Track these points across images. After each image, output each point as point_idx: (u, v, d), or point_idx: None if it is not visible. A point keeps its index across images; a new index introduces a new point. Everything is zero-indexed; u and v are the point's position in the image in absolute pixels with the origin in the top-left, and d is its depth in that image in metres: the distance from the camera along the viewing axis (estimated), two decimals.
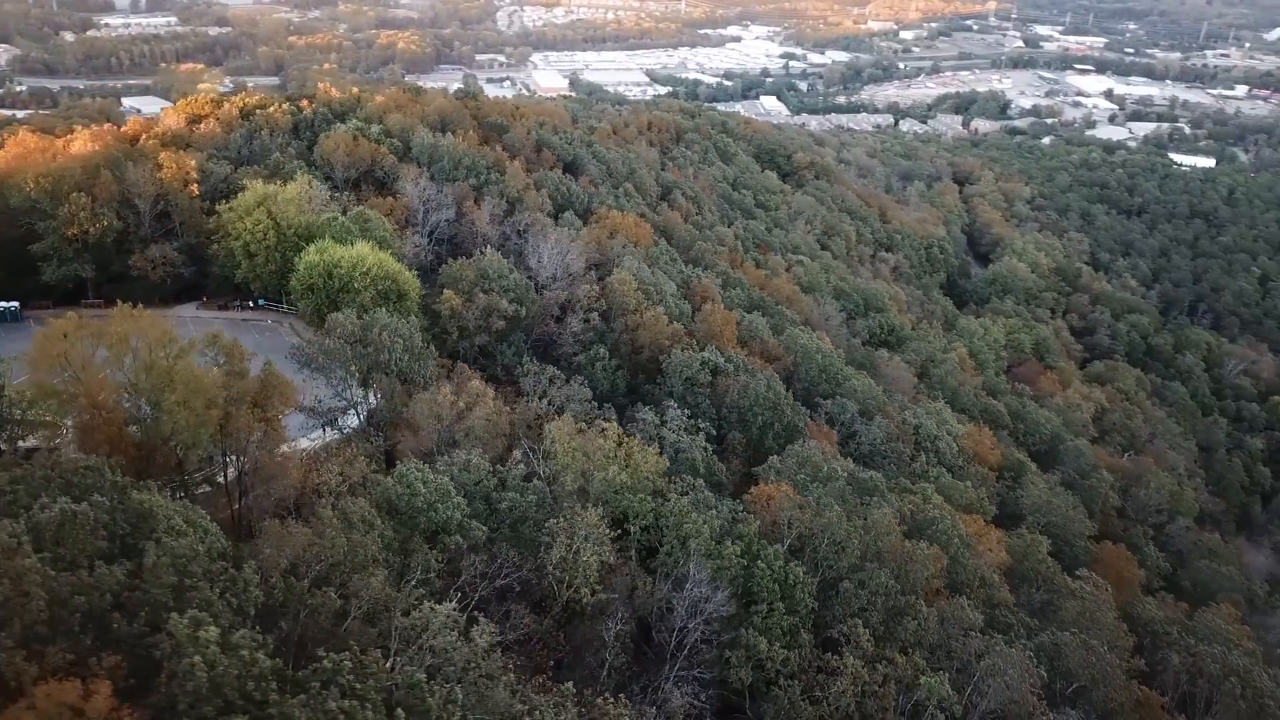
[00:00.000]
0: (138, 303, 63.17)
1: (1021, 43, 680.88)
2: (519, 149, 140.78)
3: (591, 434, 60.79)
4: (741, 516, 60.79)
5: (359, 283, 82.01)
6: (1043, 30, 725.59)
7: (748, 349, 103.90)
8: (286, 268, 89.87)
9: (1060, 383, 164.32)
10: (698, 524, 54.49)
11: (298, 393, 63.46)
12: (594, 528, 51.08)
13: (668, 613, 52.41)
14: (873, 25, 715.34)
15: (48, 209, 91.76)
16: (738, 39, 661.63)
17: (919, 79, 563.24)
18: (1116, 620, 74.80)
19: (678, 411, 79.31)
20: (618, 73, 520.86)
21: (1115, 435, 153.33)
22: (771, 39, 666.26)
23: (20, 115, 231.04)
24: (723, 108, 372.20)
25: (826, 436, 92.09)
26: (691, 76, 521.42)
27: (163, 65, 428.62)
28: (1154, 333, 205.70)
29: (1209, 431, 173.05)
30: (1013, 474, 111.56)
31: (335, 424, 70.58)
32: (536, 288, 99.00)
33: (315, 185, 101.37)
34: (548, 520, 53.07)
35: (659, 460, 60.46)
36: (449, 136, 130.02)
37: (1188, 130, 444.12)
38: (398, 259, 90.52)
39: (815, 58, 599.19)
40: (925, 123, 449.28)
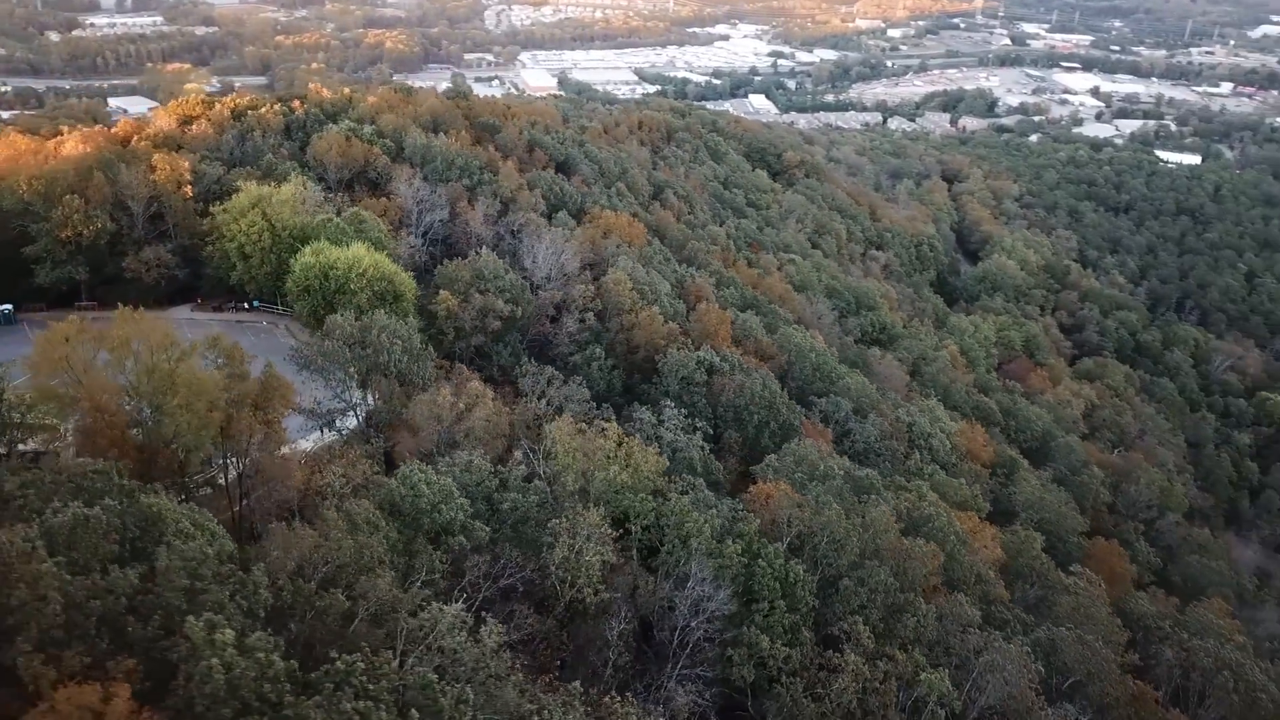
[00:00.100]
0: (132, 305, 63.47)
1: (1008, 41, 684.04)
2: (511, 149, 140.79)
3: (591, 434, 61.01)
4: (741, 515, 61.09)
5: (355, 284, 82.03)
6: (1029, 28, 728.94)
7: (742, 348, 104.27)
8: (282, 269, 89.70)
9: (1050, 380, 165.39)
10: (699, 523, 54.79)
11: (296, 394, 63.55)
12: (596, 528, 51.36)
13: (669, 611, 52.72)
14: (860, 23, 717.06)
15: (41, 211, 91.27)
16: (726, 37, 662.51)
17: (907, 77, 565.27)
18: (1110, 615, 75.60)
19: (674, 411, 79.48)
20: (606, 71, 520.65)
21: (1105, 431, 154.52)
22: (759, 37, 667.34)
23: (5, 116, 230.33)
24: (711, 106, 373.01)
25: (821, 435, 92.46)
26: (680, 75, 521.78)
27: (149, 65, 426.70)
28: (1142, 329, 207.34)
29: (1197, 427, 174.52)
30: (1005, 471, 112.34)
31: (333, 425, 70.76)
32: (531, 288, 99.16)
33: (309, 186, 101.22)
34: (550, 520, 53.28)
35: (659, 460, 60.73)
36: (441, 137, 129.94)
37: (1174, 127, 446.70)
38: (393, 260, 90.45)
39: (803, 56, 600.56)
40: (913, 121, 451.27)
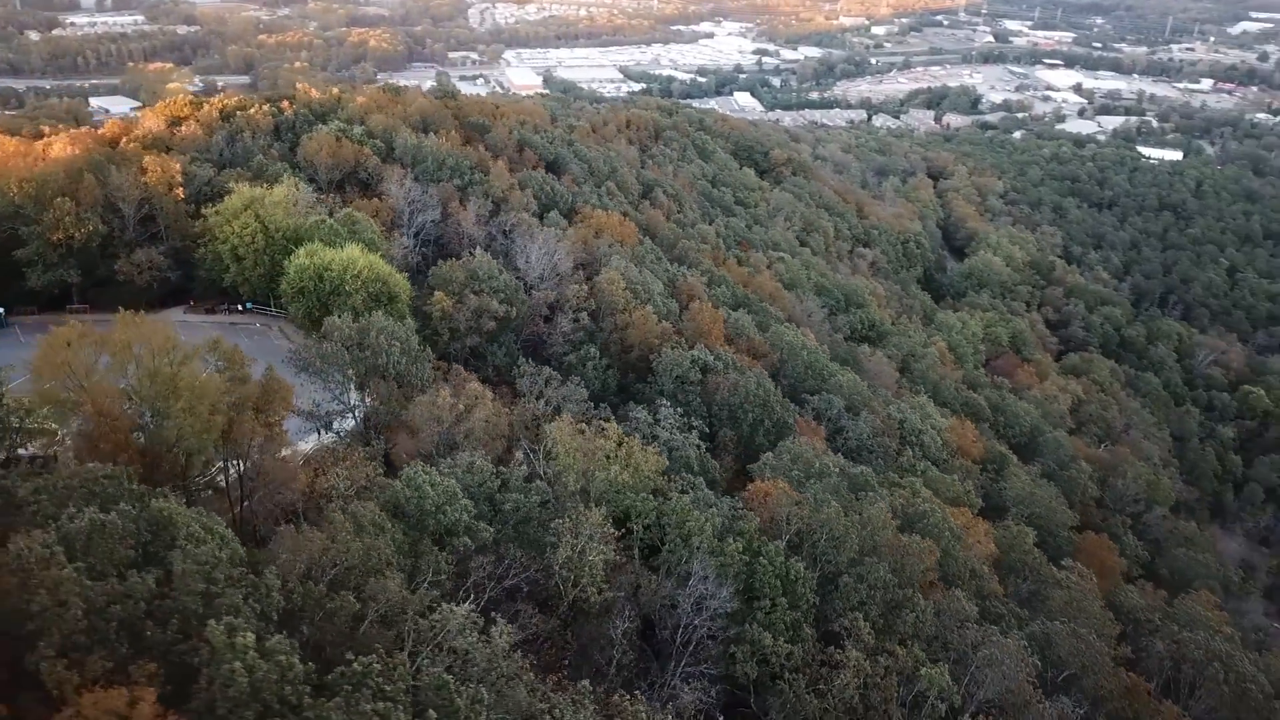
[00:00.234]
0: (123, 308, 63.13)
1: (991, 38, 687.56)
2: (501, 149, 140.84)
3: (591, 434, 61.39)
4: (741, 513, 61.61)
5: (350, 286, 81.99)
6: (1012, 25, 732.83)
7: (734, 346, 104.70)
8: (275, 271, 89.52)
9: (1037, 375, 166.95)
10: (700, 522, 55.25)
11: (294, 397, 63.62)
12: (599, 527, 51.75)
13: (671, 610, 53.20)
14: (844, 21, 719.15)
15: (31, 214, 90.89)
16: (710, 35, 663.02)
17: (891, 74, 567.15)
18: (1102, 609, 76.62)
19: (670, 410, 79.94)
20: (591, 70, 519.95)
21: (1092, 426, 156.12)
22: (744, 35, 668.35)
23: None
24: (697, 104, 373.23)
25: (815, 432, 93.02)
26: (665, 73, 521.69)
27: (130, 64, 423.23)
28: (1127, 324, 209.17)
29: (1182, 421, 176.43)
30: (995, 466, 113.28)
31: (330, 427, 70.89)
32: (525, 288, 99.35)
33: (301, 188, 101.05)
34: (553, 521, 53.64)
35: (659, 459, 61.14)
36: (432, 137, 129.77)
37: (1155, 124, 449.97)
38: (387, 261, 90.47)
39: (788, 54, 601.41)
40: (898, 118, 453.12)
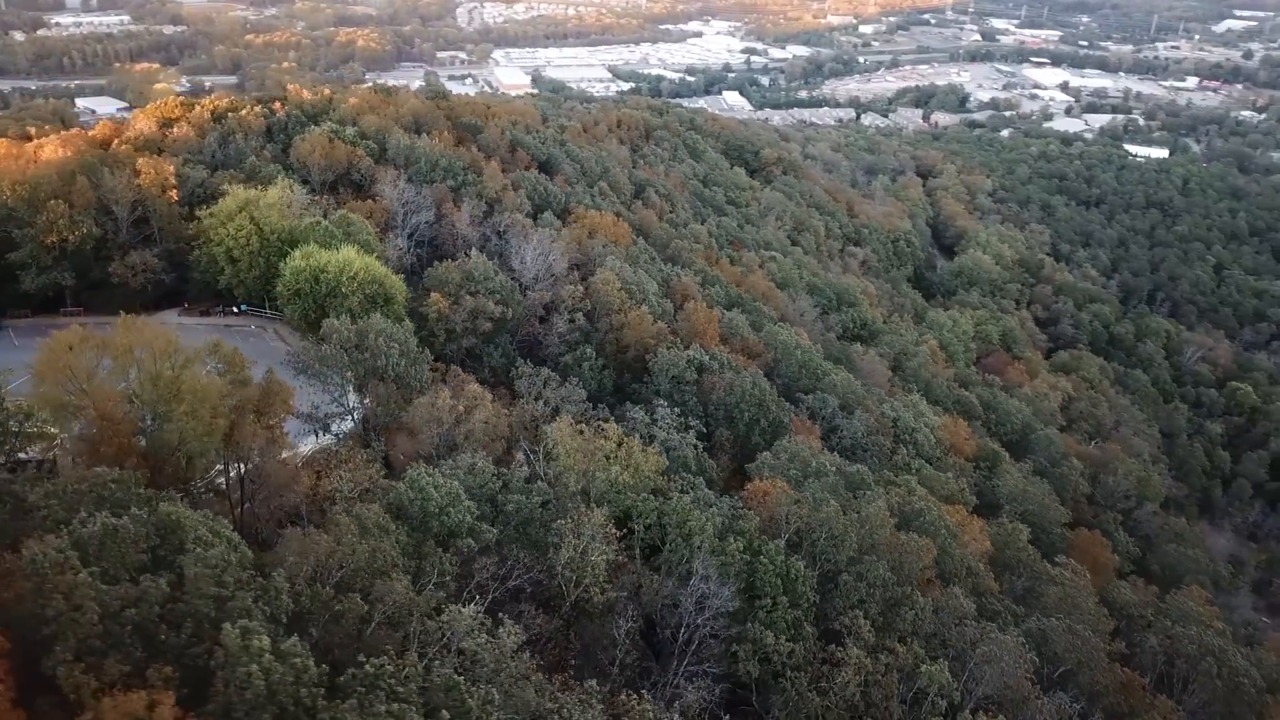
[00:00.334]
0: (117, 310, 62.97)
1: (978, 36, 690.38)
2: (494, 149, 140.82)
3: (590, 435, 61.67)
4: (741, 513, 61.98)
5: (347, 288, 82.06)
6: (999, 23, 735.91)
7: (729, 346, 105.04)
8: (270, 273, 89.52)
9: (1028, 373, 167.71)
10: (701, 521, 55.59)
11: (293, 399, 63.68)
12: (601, 528, 52.05)
13: (673, 609, 53.52)
14: (832, 20, 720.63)
15: (25, 217, 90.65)
16: (699, 34, 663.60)
17: (879, 73, 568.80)
18: (1097, 605, 77.20)
19: (667, 410, 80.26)
20: (580, 69, 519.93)
21: (1082, 423, 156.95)
22: (732, 34, 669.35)
23: None
24: (686, 103, 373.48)
25: (810, 431, 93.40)
26: (654, 72, 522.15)
27: (117, 65, 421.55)
28: (1115, 322, 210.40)
29: (1170, 418, 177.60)
30: (988, 464, 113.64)
31: (328, 429, 70.96)
32: (520, 289, 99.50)
33: (295, 189, 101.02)
34: (554, 521, 53.90)
35: (659, 459, 61.47)
36: (424, 138, 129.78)
37: (1141, 121, 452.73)
38: (382, 263, 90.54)
39: (776, 52, 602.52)
40: (886, 116, 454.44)
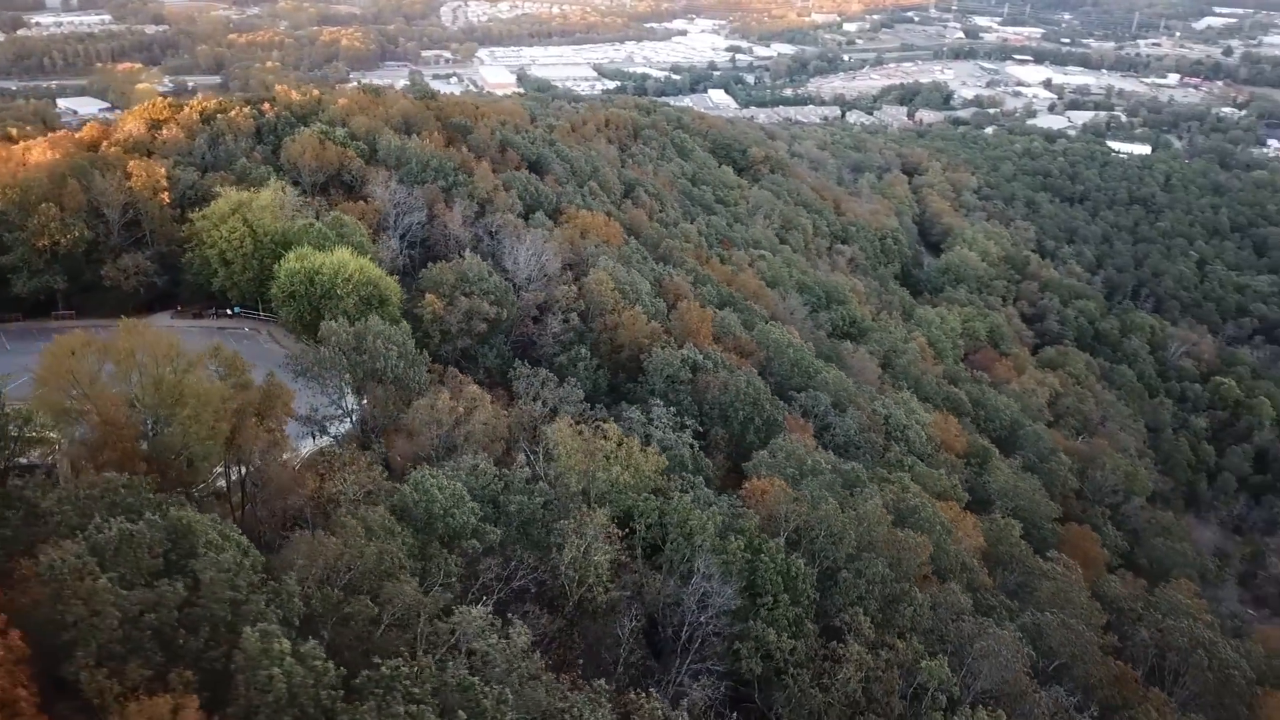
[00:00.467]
0: (110, 313, 62.96)
1: (962, 34, 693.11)
2: (484, 150, 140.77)
3: (590, 435, 62.03)
4: (740, 511, 62.50)
5: (342, 289, 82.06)
6: (982, 21, 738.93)
7: (722, 345, 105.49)
8: (264, 275, 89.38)
9: (1015, 369, 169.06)
10: (702, 520, 56.06)
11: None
12: (603, 528, 52.44)
13: (675, 608, 53.97)
14: (816, 18, 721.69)
15: (15, 220, 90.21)
16: (684, 32, 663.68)
17: (863, 71, 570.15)
18: (1089, 599, 78.21)
19: (663, 409, 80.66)
20: (565, 68, 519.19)
21: (1069, 419, 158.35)
22: (717, 32, 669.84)
23: None
24: (672, 102, 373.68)
25: (803, 429, 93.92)
26: (639, 71, 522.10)
27: (98, 65, 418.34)
28: (1100, 318, 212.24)
29: (1156, 412, 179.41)
30: (979, 460, 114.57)
31: (326, 431, 71.06)
32: (514, 289, 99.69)
33: (287, 191, 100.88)
34: (556, 521, 54.24)
35: (659, 459, 61.89)
36: (414, 138, 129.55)
37: (1124, 118, 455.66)
38: (376, 264, 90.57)
39: (761, 50, 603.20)
40: (871, 114, 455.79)
